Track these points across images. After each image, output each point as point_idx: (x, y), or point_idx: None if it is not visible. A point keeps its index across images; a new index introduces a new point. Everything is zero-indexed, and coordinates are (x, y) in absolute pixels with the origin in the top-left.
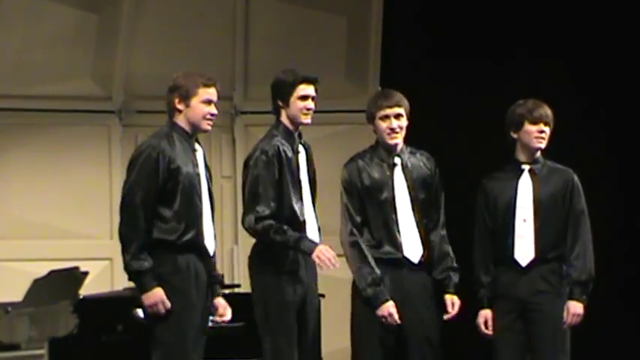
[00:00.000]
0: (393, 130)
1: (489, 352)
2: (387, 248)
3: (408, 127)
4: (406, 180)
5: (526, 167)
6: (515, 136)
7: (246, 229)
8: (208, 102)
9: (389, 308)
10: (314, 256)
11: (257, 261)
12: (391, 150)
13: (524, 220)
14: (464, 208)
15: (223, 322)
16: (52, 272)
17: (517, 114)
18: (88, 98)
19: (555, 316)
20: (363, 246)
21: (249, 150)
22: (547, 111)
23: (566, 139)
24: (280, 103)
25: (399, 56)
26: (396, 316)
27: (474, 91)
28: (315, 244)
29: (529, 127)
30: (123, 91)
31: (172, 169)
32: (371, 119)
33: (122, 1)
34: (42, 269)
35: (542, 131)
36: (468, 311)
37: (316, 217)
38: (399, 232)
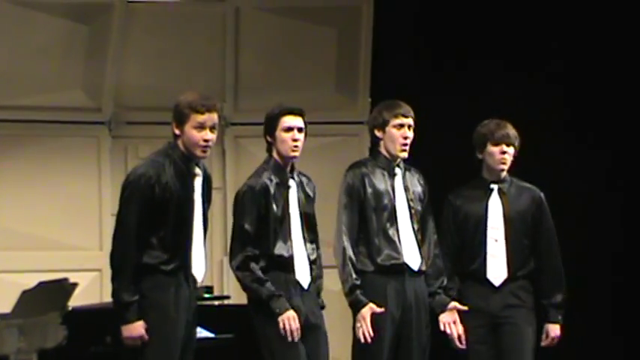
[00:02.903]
0: (406, 138)
1: None
2: (388, 253)
3: None
4: (405, 190)
5: (495, 187)
6: (480, 156)
7: (233, 271)
8: (200, 127)
9: (364, 313)
10: (279, 319)
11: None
12: (393, 160)
13: (496, 240)
14: None
15: None
16: (40, 283)
17: (480, 134)
18: (77, 109)
19: (525, 329)
20: (349, 253)
21: (240, 161)
22: (509, 131)
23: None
24: (269, 139)
25: (389, 68)
26: (368, 323)
27: (465, 104)
28: (287, 309)
29: (491, 149)
30: (113, 103)
31: (166, 198)
32: (381, 126)
33: (112, 13)
34: (31, 280)
35: (504, 152)
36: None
37: (308, 252)
38: (399, 239)
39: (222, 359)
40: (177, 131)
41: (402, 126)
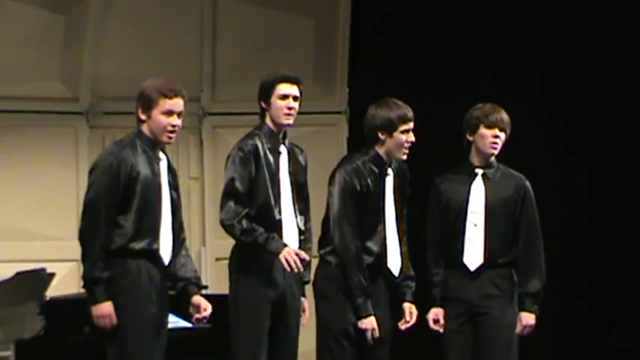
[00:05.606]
0: (410, 143)
1: (439, 353)
2: (368, 257)
3: None
4: (394, 191)
5: (479, 171)
6: (470, 139)
7: (221, 225)
8: (169, 113)
9: (372, 323)
10: (280, 257)
11: (233, 261)
12: (389, 160)
13: (475, 225)
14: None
15: (204, 317)
16: (18, 274)
17: (473, 117)
18: (54, 99)
19: (504, 321)
20: (361, 253)
21: (218, 151)
22: (503, 116)
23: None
24: (264, 105)
25: (366, 58)
26: (377, 331)
27: (442, 94)
28: (284, 246)
29: (484, 131)
30: (90, 93)
31: (132, 178)
32: (389, 129)
33: (89, 3)
34: (8, 271)
35: (496, 136)
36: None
37: (297, 218)
38: (385, 243)
39: (200, 349)
40: (143, 117)
41: (408, 131)
